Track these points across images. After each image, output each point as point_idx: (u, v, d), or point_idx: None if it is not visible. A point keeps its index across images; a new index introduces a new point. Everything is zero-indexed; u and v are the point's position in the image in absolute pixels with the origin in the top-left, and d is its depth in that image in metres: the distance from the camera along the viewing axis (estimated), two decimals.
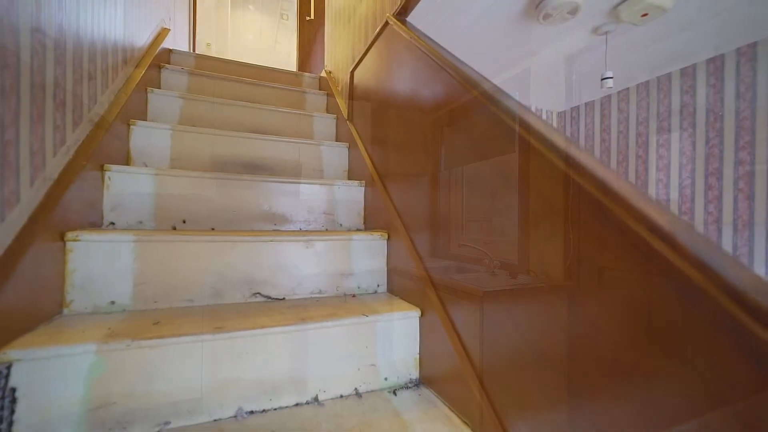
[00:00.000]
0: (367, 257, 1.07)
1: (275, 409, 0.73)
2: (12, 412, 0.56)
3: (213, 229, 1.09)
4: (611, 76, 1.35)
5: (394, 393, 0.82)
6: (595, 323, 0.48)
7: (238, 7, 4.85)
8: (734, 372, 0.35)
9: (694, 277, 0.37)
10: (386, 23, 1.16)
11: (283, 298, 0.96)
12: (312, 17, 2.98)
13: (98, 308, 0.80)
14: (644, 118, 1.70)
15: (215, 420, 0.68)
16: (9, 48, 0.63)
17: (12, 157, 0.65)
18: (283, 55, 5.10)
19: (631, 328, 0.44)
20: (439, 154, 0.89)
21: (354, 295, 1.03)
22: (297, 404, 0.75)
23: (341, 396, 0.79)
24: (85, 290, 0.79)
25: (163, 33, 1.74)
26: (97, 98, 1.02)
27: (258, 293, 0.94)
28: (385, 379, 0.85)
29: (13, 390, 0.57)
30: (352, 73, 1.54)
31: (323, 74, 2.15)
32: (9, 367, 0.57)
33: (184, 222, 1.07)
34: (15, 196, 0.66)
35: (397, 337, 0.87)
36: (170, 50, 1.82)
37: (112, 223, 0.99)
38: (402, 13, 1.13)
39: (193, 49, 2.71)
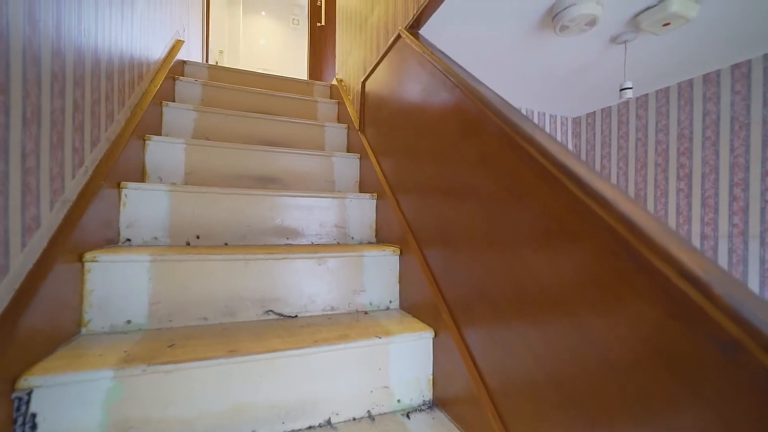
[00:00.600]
0: (379, 273, 1.07)
1: None
2: None
3: (226, 244, 1.10)
4: (630, 86, 1.31)
5: (408, 416, 0.81)
6: (616, 356, 0.46)
7: (250, 13, 4.90)
8: None
9: (729, 328, 0.35)
10: (398, 36, 1.15)
11: (296, 316, 0.96)
12: (323, 24, 2.99)
13: (115, 327, 0.81)
14: (664, 126, 1.64)
15: None
16: (30, 78, 0.65)
17: (33, 184, 0.66)
18: (294, 60, 5.14)
19: (658, 370, 0.42)
20: (449, 171, 0.88)
21: (366, 312, 1.02)
22: (310, 427, 0.75)
23: (354, 419, 0.79)
24: (102, 310, 0.80)
25: (177, 45, 1.77)
26: (114, 116, 1.03)
27: (271, 311, 0.94)
28: (398, 401, 0.84)
29: (34, 416, 0.58)
30: (363, 83, 1.54)
31: (334, 82, 2.15)
32: (30, 394, 0.58)
33: (198, 237, 1.08)
34: (36, 221, 0.67)
35: (410, 359, 0.86)
36: (184, 62, 1.85)
37: (128, 240, 1.00)
38: (414, 26, 1.12)
39: (207, 57, 2.75)
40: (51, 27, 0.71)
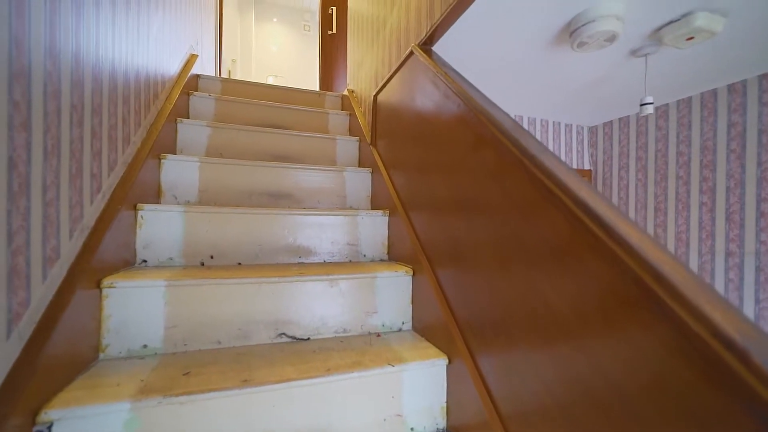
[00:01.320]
0: (392, 294, 1.06)
1: None
2: None
3: (239, 264, 1.11)
4: (651, 101, 1.26)
5: None
6: (635, 401, 0.44)
7: (262, 20, 4.96)
8: None
9: None
10: (411, 52, 1.14)
11: (308, 338, 0.96)
12: (334, 31, 3.00)
13: (132, 352, 0.82)
14: (686, 137, 1.59)
15: None
16: (51, 112, 0.66)
17: (53, 216, 0.67)
18: (306, 66, 5.18)
19: (686, 426, 0.40)
20: (461, 193, 0.86)
21: (379, 335, 1.01)
22: None
23: None
24: (119, 335, 0.81)
25: (191, 60, 1.79)
26: (131, 138, 1.05)
27: (283, 334, 0.94)
28: (412, 429, 0.82)
29: None
30: (375, 97, 1.53)
31: (345, 93, 2.15)
32: (50, 427, 0.59)
33: (211, 257, 1.09)
34: (56, 252, 0.68)
35: (423, 386, 0.84)
36: (198, 76, 1.87)
37: (145, 261, 1.02)
38: (427, 43, 1.10)
39: (220, 67, 2.79)
40: (70, 58, 0.73)
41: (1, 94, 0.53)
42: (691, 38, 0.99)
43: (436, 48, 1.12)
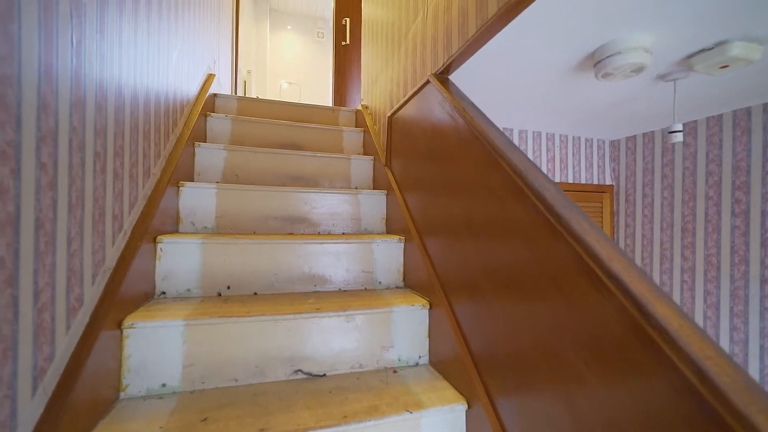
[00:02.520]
0: (408, 328, 1.04)
1: None
2: None
3: (255, 293, 1.12)
4: (680, 129, 1.20)
5: None
6: None
7: (277, 28, 5.02)
8: None
9: None
10: (427, 81, 1.12)
11: (324, 375, 0.95)
12: (348, 42, 3.00)
13: (151, 391, 0.83)
14: (716, 156, 1.51)
15: None
16: (75, 165, 0.67)
17: (77, 266, 0.68)
18: (319, 72, 5.21)
19: None
20: (479, 231, 0.84)
21: (395, 370, 1.00)
22: None
23: None
24: (139, 374, 0.83)
25: (209, 80, 1.82)
26: (151, 171, 1.07)
27: (299, 370, 0.94)
28: None
29: None
30: (390, 118, 1.52)
31: (359, 107, 2.15)
32: None
33: (228, 287, 1.10)
34: (79, 300, 0.70)
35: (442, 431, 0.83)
36: (215, 95, 1.90)
37: (164, 293, 1.03)
38: (444, 72, 1.08)
39: (236, 82, 2.82)
40: (93, 107, 0.74)
41: (28, 159, 0.54)
42: (726, 66, 0.93)
43: (453, 77, 1.10)
